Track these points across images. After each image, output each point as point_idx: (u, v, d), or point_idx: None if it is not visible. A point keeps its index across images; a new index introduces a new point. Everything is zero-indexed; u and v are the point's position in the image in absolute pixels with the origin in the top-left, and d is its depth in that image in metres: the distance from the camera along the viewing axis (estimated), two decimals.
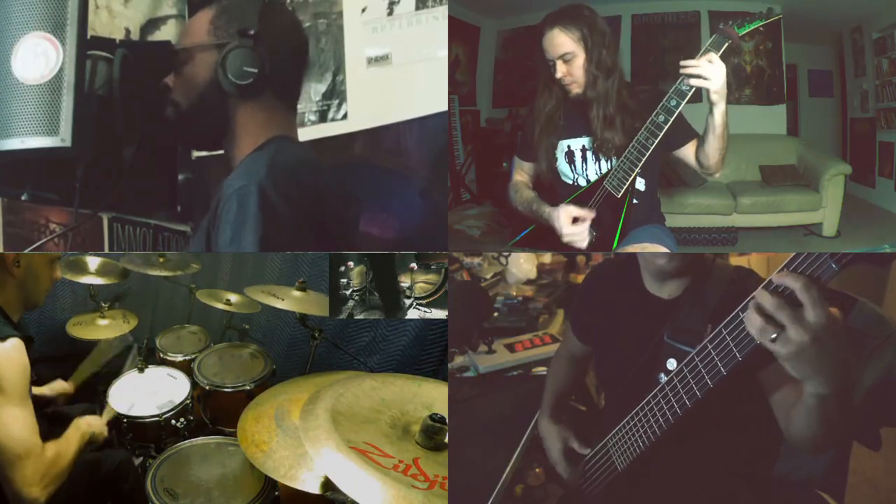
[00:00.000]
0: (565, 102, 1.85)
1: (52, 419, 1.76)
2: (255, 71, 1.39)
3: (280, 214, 1.29)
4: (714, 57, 1.53)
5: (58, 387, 2.08)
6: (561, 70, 1.77)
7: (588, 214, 1.75)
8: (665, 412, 1.21)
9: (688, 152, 1.80)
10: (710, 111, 1.61)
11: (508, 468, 1.62)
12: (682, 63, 1.56)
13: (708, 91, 1.56)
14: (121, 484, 1.78)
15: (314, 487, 1.40)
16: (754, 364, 1.07)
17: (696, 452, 1.28)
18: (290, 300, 2.12)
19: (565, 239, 1.76)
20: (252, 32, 1.39)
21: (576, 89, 1.79)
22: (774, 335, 0.84)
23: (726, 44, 1.56)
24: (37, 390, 2.02)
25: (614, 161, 1.79)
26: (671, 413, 1.20)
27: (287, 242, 1.35)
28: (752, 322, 0.85)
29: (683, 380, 1.15)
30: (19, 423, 1.30)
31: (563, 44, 1.74)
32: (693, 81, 1.55)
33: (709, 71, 1.52)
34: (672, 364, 1.24)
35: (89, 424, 1.65)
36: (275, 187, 1.29)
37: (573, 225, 1.75)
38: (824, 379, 0.88)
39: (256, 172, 1.32)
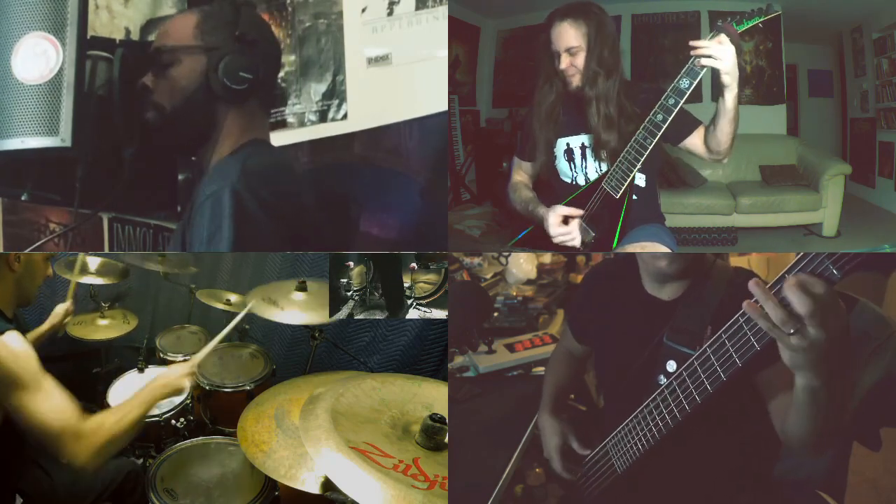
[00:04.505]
0: (565, 97, 1.85)
1: None
2: (251, 77, 1.44)
3: (253, 217, 1.32)
4: (724, 39, 1.50)
5: (60, 312, 2.12)
6: (565, 62, 1.78)
7: (578, 213, 1.76)
8: (664, 416, 1.20)
9: (695, 141, 1.77)
10: (722, 95, 1.58)
11: (508, 468, 1.61)
12: (692, 43, 1.52)
13: (719, 74, 1.53)
14: (126, 498, 1.78)
15: (314, 487, 1.41)
16: (754, 367, 1.07)
17: (696, 454, 1.28)
18: (291, 305, 2.10)
19: (556, 240, 1.77)
20: (249, 38, 1.45)
21: (576, 81, 1.79)
22: (794, 329, 0.85)
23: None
24: (43, 327, 2.08)
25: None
26: (670, 417, 1.19)
27: (261, 244, 1.39)
28: (775, 313, 0.85)
29: (683, 384, 1.15)
30: (47, 406, 1.32)
31: (571, 37, 1.76)
32: (704, 61, 1.51)
33: (719, 51, 1.50)
34: (672, 366, 1.24)
35: (164, 384, 1.59)
36: (248, 190, 1.32)
37: (562, 225, 1.76)
38: (816, 372, 0.90)
39: (229, 176, 1.34)
